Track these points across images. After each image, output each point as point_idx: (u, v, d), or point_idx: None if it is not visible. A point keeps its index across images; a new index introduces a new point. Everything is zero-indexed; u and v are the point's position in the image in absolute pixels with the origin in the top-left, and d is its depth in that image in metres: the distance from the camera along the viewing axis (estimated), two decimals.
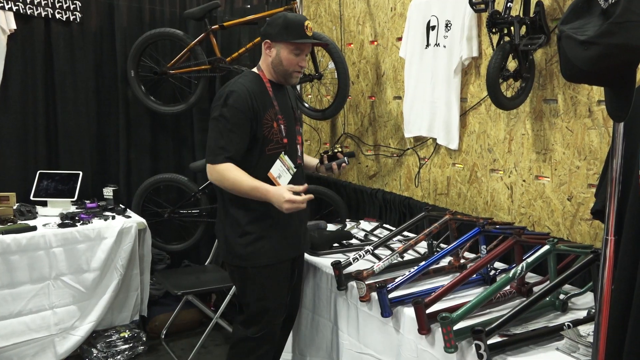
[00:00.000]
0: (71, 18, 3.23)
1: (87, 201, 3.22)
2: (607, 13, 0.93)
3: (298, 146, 2.23)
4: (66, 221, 2.85)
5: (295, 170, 2.17)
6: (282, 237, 2.16)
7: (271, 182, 2.09)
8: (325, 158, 2.31)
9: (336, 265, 2.12)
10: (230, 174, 2.00)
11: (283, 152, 2.12)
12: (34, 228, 2.74)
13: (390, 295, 1.88)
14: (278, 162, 2.11)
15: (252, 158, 2.08)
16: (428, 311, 1.70)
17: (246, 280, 2.17)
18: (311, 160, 2.39)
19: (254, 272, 2.14)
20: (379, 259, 2.19)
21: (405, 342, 1.84)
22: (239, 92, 2.03)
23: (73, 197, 3.10)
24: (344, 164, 2.28)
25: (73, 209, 3.11)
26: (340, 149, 2.33)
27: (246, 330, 2.18)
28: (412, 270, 1.98)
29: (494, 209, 2.54)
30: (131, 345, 2.98)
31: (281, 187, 2.00)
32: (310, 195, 2.00)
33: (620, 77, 0.94)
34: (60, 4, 3.18)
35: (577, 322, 1.66)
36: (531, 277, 2.14)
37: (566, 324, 1.63)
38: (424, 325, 1.70)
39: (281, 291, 2.22)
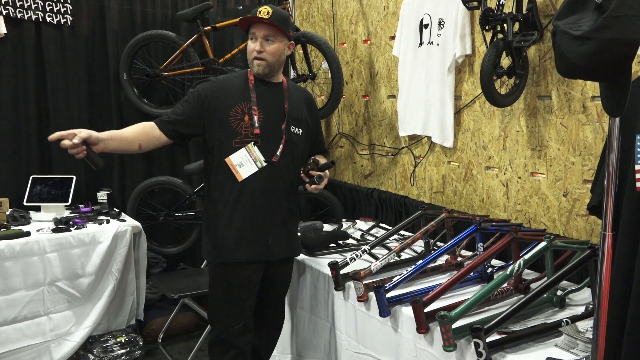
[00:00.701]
0: (62, 21, 3.20)
1: (81, 205, 3.19)
2: (601, 7, 0.93)
3: (281, 145, 2.10)
4: (60, 226, 2.82)
5: (264, 164, 2.07)
6: (239, 238, 2.09)
7: (232, 175, 2.06)
8: (303, 176, 2.13)
9: (333, 265, 2.11)
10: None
11: (253, 143, 2.06)
12: (28, 233, 2.72)
13: (388, 295, 1.87)
14: (243, 150, 2.06)
15: (219, 148, 2.07)
16: (426, 310, 1.70)
17: (209, 276, 2.21)
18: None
19: (211, 269, 2.18)
20: (376, 258, 2.18)
21: (403, 341, 1.83)
22: (211, 81, 2.14)
23: (67, 202, 3.07)
24: (314, 185, 2.06)
25: (67, 213, 3.08)
26: (310, 166, 2.11)
27: (211, 332, 2.21)
28: (409, 269, 1.97)
29: (489, 207, 2.54)
30: (128, 349, 2.96)
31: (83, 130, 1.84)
32: (74, 144, 1.77)
33: (616, 71, 0.94)
34: (51, 7, 3.16)
35: (575, 318, 1.66)
36: (528, 274, 2.14)
37: (564, 320, 1.63)
38: (423, 324, 1.69)
39: (236, 296, 2.12)
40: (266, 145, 2.09)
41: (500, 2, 2.15)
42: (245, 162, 2.05)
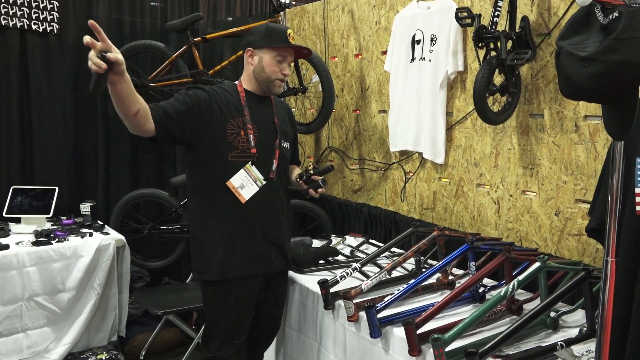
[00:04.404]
0: (48, 29, 3.14)
1: (63, 217, 3.11)
2: (607, 29, 0.91)
3: (274, 161, 2.12)
4: (41, 239, 2.74)
5: (264, 183, 2.07)
6: (244, 254, 2.07)
7: (231, 192, 2.02)
8: (302, 183, 2.18)
9: (323, 283, 2.06)
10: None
11: (250, 163, 2.05)
12: (6, 246, 2.62)
13: (379, 315, 1.83)
14: (242, 171, 2.03)
15: (213, 163, 2.02)
16: (418, 331, 1.66)
17: (203, 294, 2.14)
18: (294, 176, 2.28)
19: (211, 288, 2.09)
20: (367, 276, 2.14)
21: None
22: (203, 89, 2.02)
23: (48, 214, 2.98)
24: (320, 189, 2.14)
25: (48, 225, 2.99)
26: (312, 170, 2.16)
27: (206, 351, 2.13)
28: (401, 288, 1.93)
29: (480, 224, 2.52)
30: None
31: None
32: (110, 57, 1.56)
33: (622, 94, 0.92)
34: (37, 14, 3.09)
35: (569, 341, 1.62)
36: (520, 294, 2.11)
37: (559, 343, 1.60)
38: (415, 346, 1.65)
39: (239, 312, 2.11)
40: (262, 162, 2.08)
41: (494, 20, 2.14)
42: (245, 183, 2.03)
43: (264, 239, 2.11)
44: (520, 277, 1.73)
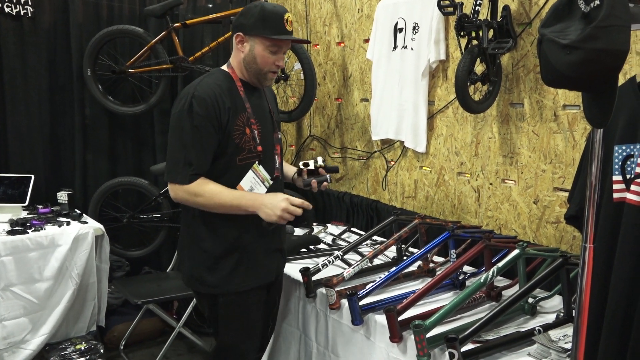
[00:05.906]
0: (22, 12, 3.05)
1: (40, 206, 3.04)
2: (588, 17, 0.91)
3: (276, 156, 1.93)
4: (16, 228, 2.68)
5: (271, 182, 1.90)
6: (254, 263, 1.90)
7: None
8: (305, 172, 1.97)
9: (305, 271, 2.07)
10: (204, 188, 1.75)
11: (257, 162, 1.85)
12: None
13: (361, 303, 1.84)
14: (250, 173, 1.84)
15: (220, 169, 1.81)
16: (400, 318, 1.67)
17: (211, 307, 1.95)
18: (289, 170, 2.09)
19: (217, 299, 1.90)
20: (349, 264, 2.14)
21: (376, 350, 1.80)
22: (203, 96, 1.75)
23: (24, 202, 2.92)
24: (325, 183, 1.95)
25: (24, 214, 2.93)
26: (322, 164, 1.98)
27: None
28: (382, 276, 1.95)
29: (461, 212, 2.55)
30: (88, 357, 2.83)
31: (279, 194, 1.79)
32: (308, 205, 1.81)
33: (603, 82, 0.93)
34: None
35: (547, 327, 1.66)
36: (499, 281, 2.14)
37: (537, 328, 1.63)
38: (396, 333, 1.67)
39: (253, 322, 1.97)
40: (266, 160, 1.90)
41: (476, 9, 2.15)
42: (254, 185, 1.85)
43: (274, 247, 1.98)
44: (500, 264, 1.76)
